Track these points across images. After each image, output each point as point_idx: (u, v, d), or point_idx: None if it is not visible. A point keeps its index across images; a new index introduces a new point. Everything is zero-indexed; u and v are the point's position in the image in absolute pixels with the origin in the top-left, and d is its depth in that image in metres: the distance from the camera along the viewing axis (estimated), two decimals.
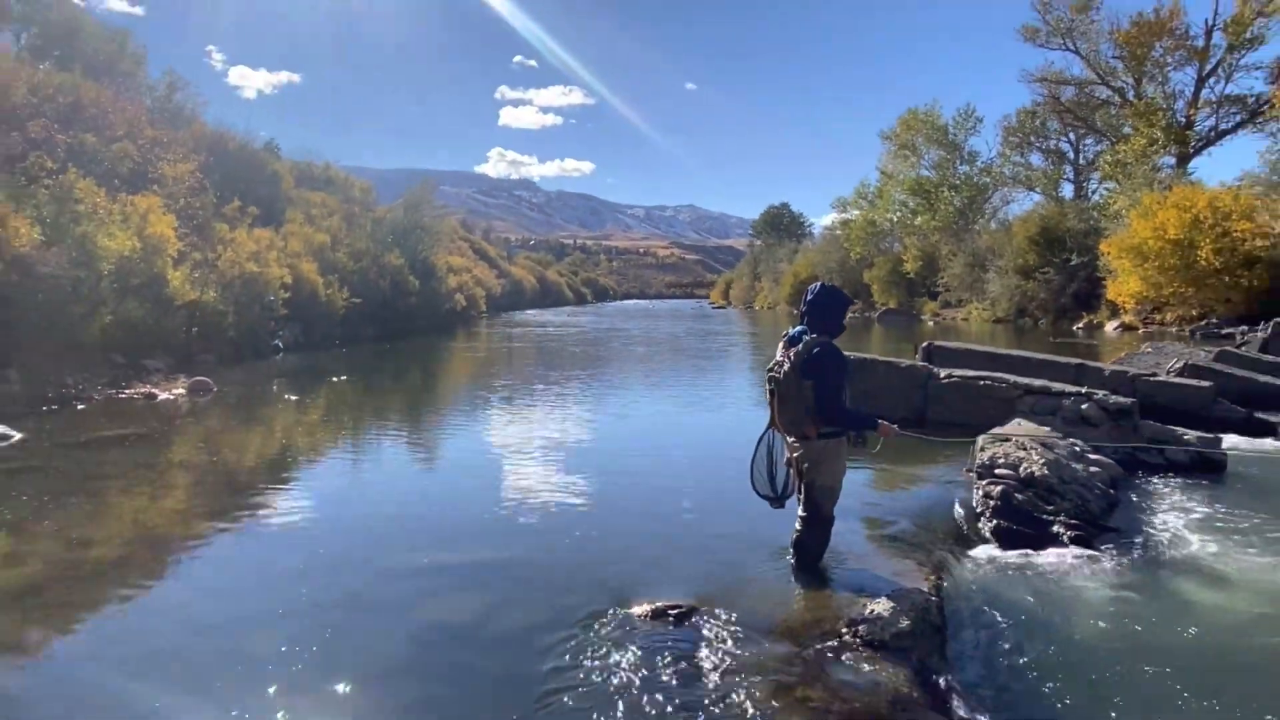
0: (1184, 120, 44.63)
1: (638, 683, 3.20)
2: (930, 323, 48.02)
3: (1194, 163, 44.15)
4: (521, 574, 4.57)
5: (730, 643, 3.54)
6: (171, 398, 11.10)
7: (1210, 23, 43.27)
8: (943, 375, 9.40)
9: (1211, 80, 44.32)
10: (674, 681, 3.22)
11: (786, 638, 3.62)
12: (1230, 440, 8.40)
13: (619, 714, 2.98)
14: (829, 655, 3.43)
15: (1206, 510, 6.20)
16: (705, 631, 3.65)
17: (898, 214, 61.60)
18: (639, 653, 3.44)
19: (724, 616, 3.78)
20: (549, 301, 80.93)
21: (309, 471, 7.68)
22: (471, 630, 3.80)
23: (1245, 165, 61.47)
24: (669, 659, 3.39)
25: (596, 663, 3.37)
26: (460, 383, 16.38)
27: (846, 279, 65.45)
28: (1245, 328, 24.02)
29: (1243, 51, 42.82)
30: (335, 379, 14.94)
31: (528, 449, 8.31)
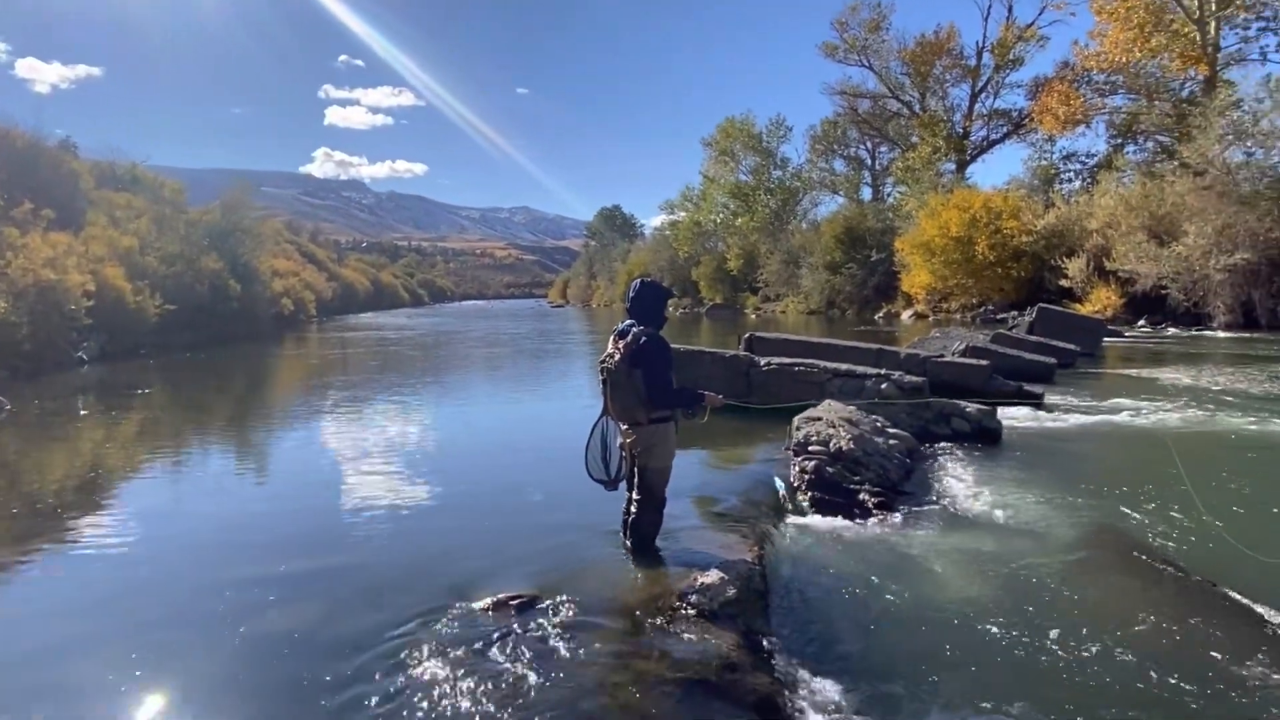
0: (962, 131, 49.85)
1: (479, 674, 3.23)
2: (753, 315, 50.52)
3: (971, 169, 49.54)
4: (358, 579, 4.45)
5: (571, 626, 3.64)
6: None
7: (980, 44, 48.67)
8: (763, 363, 10.01)
9: (983, 96, 49.90)
10: (516, 669, 3.27)
11: (624, 616, 3.77)
12: (1003, 410, 9.55)
13: (461, 707, 3.01)
14: (663, 628, 3.61)
15: (986, 473, 7.04)
16: (546, 618, 3.72)
17: (720, 215, 64.44)
18: (480, 645, 3.47)
19: (564, 601, 3.87)
20: (384, 304, 77.68)
21: (125, 490, 7.00)
22: (304, 639, 3.68)
23: (1012, 171, 69.37)
24: (510, 648, 3.44)
25: (437, 659, 3.36)
26: (291, 391, 15.43)
27: (676, 277, 67.66)
28: (1015, 313, 27.19)
29: (1007, 71, 48.52)
30: (148, 390, 13.73)
31: (366, 455, 8.00)
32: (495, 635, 3.56)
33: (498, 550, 4.84)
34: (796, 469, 6.39)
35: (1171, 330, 26.14)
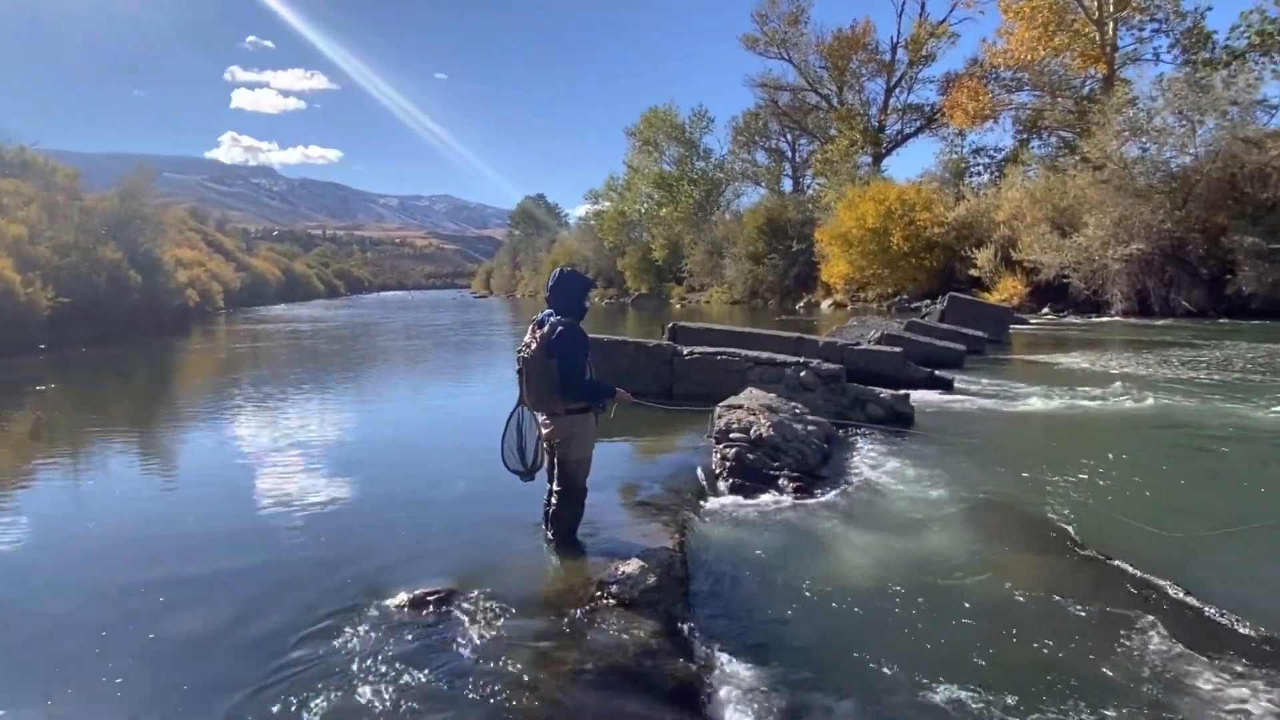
0: (877, 124, 51.18)
1: (394, 673, 3.15)
2: (678, 305, 50.87)
3: (886, 161, 50.99)
4: (268, 579, 4.28)
5: (490, 620, 3.59)
6: None
7: (895, 40, 49.98)
8: (686, 353, 10.08)
9: (897, 90, 51.37)
10: (433, 665, 3.21)
11: (544, 608, 3.74)
12: (916, 395, 9.86)
13: (376, 707, 2.93)
14: (584, 618, 3.60)
15: (899, 455, 7.26)
16: (465, 613, 3.67)
17: (645, 206, 64.60)
18: (397, 642, 3.40)
19: (484, 596, 3.82)
20: (298, 295, 74.97)
21: (17, 493, 6.53)
22: (210, 643, 3.52)
23: (925, 164, 71.65)
24: (428, 644, 3.38)
25: (351, 659, 3.27)
26: (198, 387, 14.71)
27: (602, 266, 67.62)
28: (928, 301, 28.14)
29: (920, 66, 50.07)
30: (41, 388, 12.89)
31: (279, 453, 7.68)
32: (411, 632, 3.49)
33: (416, 546, 4.74)
34: (718, 456, 6.45)
35: (1073, 317, 27.50)
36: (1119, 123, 28.66)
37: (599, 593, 3.81)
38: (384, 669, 3.19)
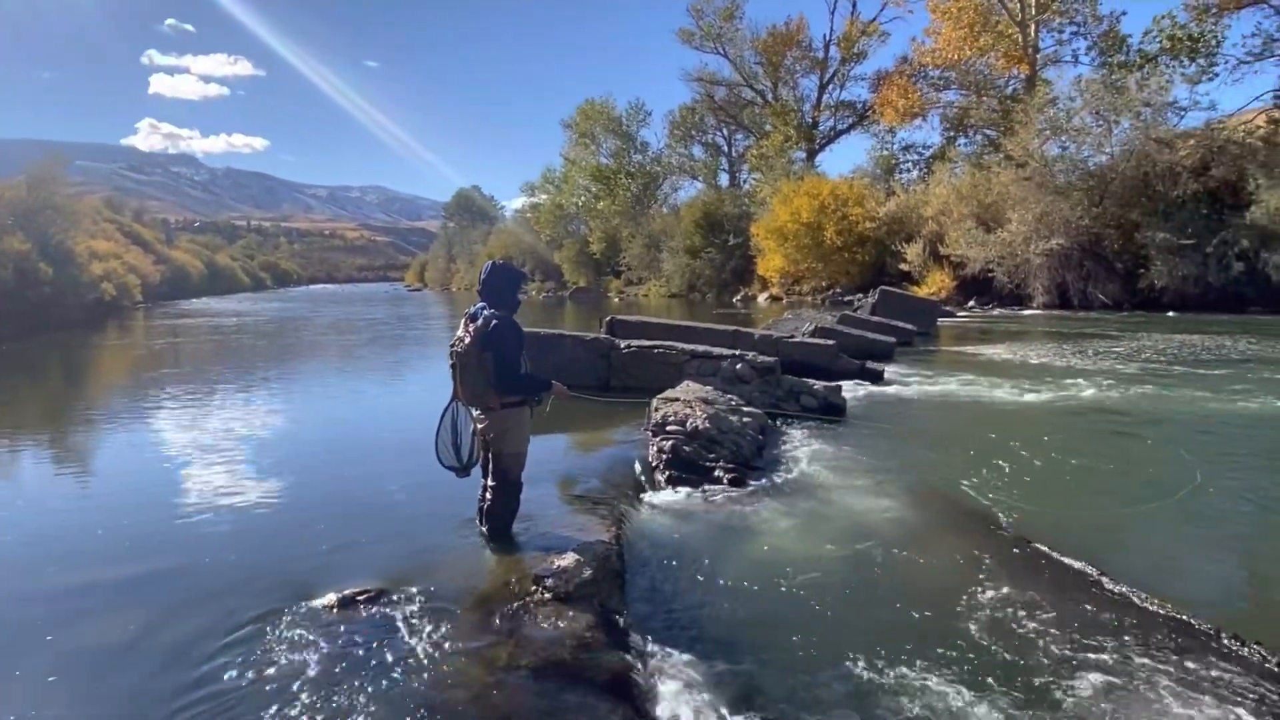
0: (811, 120, 51.99)
1: (322, 675, 3.08)
2: (616, 299, 50.85)
3: (820, 157, 51.87)
4: (190, 583, 4.11)
5: (422, 618, 3.53)
6: None
7: (828, 37, 50.79)
8: (623, 346, 10.08)
9: (830, 87, 52.26)
10: (363, 666, 3.14)
11: (478, 604, 3.70)
12: (848, 386, 10.08)
13: (302, 711, 2.86)
14: (519, 614, 3.57)
15: (831, 445, 7.41)
16: (396, 612, 3.60)
17: (582, 198, 64.29)
18: (324, 644, 3.31)
19: (416, 594, 3.76)
20: (221, 288, 72.30)
21: None
22: (128, 649, 3.37)
23: (857, 160, 73.21)
24: (357, 645, 3.30)
25: (276, 663, 3.17)
26: (114, 385, 14.03)
27: (539, 260, 67.13)
28: (860, 295, 28.74)
29: (852, 64, 51.02)
30: None
31: (203, 452, 7.35)
32: (340, 633, 3.41)
33: (346, 545, 4.62)
34: (655, 449, 6.47)
35: (998, 310, 28.48)
36: (1040, 122, 29.75)
37: (534, 587, 3.78)
38: (310, 672, 3.11)
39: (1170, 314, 24.16)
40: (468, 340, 4.16)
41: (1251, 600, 4.32)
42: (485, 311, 4.23)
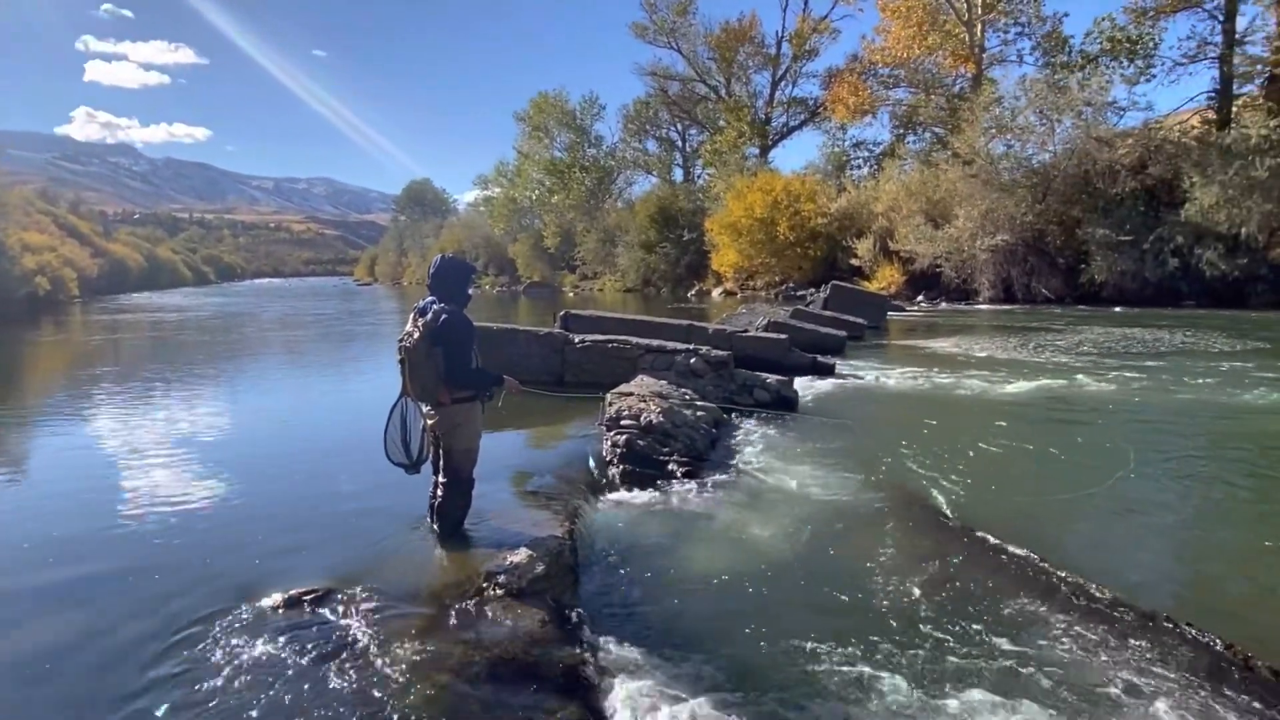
0: (764, 117, 52.38)
1: (268, 676, 3.01)
2: (571, 294, 50.65)
3: (773, 153, 52.32)
4: (131, 584, 3.98)
5: (371, 617, 3.48)
6: None
7: (780, 34, 51.20)
8: (577, 340, 10.04)
9: (783, 84, 52.73)
10: (309, 666, 3.08)
11: (429, 602, 3.65)
12: (800, 380, 10.19)
13: (245, 713, 2.79)
14: (471, 610, 3.54)
15: (783, 438, 7.50)
16: (345, 611, 3.54)
17: (536, 192, 63.89)
18: (271, 645, 3.24)
19: (365, 593, 3.70)
20: (163, 282, 70.26)
21: None
22: (63, 655, 3.25)
23: (809, 157, 74.05)
24: (304, 645, 3.24)
25: (220, 666, 3.09)
26: (50, 383, 13.47)
27: (493, 254, 66.54)
28: (813, 290, 29.12)
29: (804, 61, 51.51)
30: None
31: (146, 451, 7.11)
32: (287, 634, 3.34)
33: (294, 544, 4.53)
34: (609, 443, 6.46)
35: (945, 305, 29.09)
36: (986, 120, 30.42)
37: (486, 584, 3.74)
38: (255, 673, 3.04)
39: (1110, 308, 24.94)
40: (417, 335, 4.09)
41: (1184, 582, 4.48)
42: (435, 306, 4.17)
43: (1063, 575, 4.18)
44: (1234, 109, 28.60)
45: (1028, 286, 28.34)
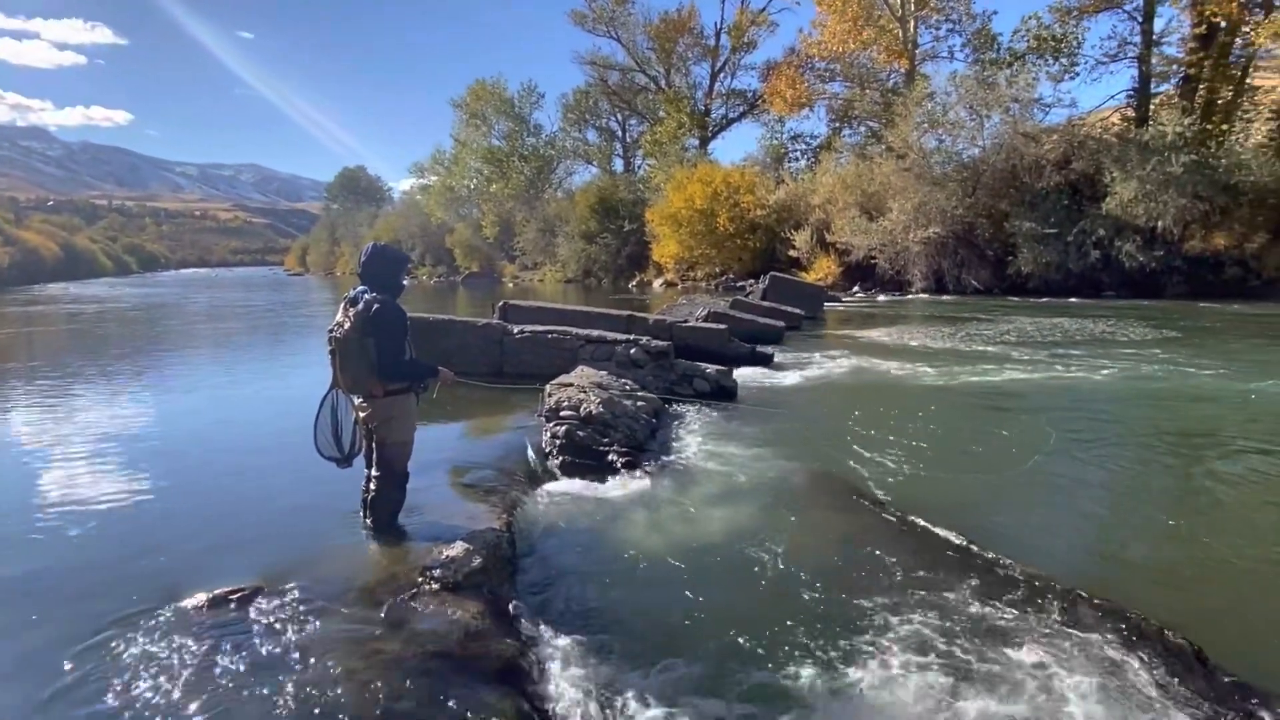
0: (704, 108, 52.57)
1: (189, 678, 2.91)
2: (510, 284, 50.18)
3: (712, 145, 52.51)
4: (46, 587, 3.78)
5: (301, 615, 3.38)
6: None
7: (719, 25, 51.39)
8: (516, 331, 9.93)
9: (722, 75, 52.94)
10: (234, 669, 2.98)
11: (362, 598, 3.57)
12: (740, 370, 10.30)
13: (163, 717, 2.69)
14: (405, 606, 3.47)
15: (722, 427, 7.57)
16: (273, 610, 3.43)
17: (474, 181, 62.88)
18: (193, 647, 3.13)
19: (295, 590, 3.59)
20: (81, 272, 67.03)
21: None
22: None
23: (748, 149, 74.55)
24: (229, 646, 3.13)
25: (138, 670, 2.97)
26: None
27: (430, 243, 65.33)
28: (752, 281, 29.40)
29: (742, 53, 51.82)
30: None
31: (64, 448, 6.75)
32: (210, 635, 3.23)
33: (221, 542, 4.38)
34: (548, 434, 6.43)
35: (881, 296, 29.72)
36: (919, 115, 31.08)
37: (421, 579, 3.68)
38: (175, 676, 2.93)
39: (1036, 299, 25.84)
40: (347, 325, 3.98)
41: (1098, 559, 4.68)
42: (366, 295, 4.06)
43: (985, 554, 4.33)
44: (1152, 107, 29.85)
45: (958, 278, 29.14)
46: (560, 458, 6.08)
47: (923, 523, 4.84)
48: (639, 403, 7.36)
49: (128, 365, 13.27)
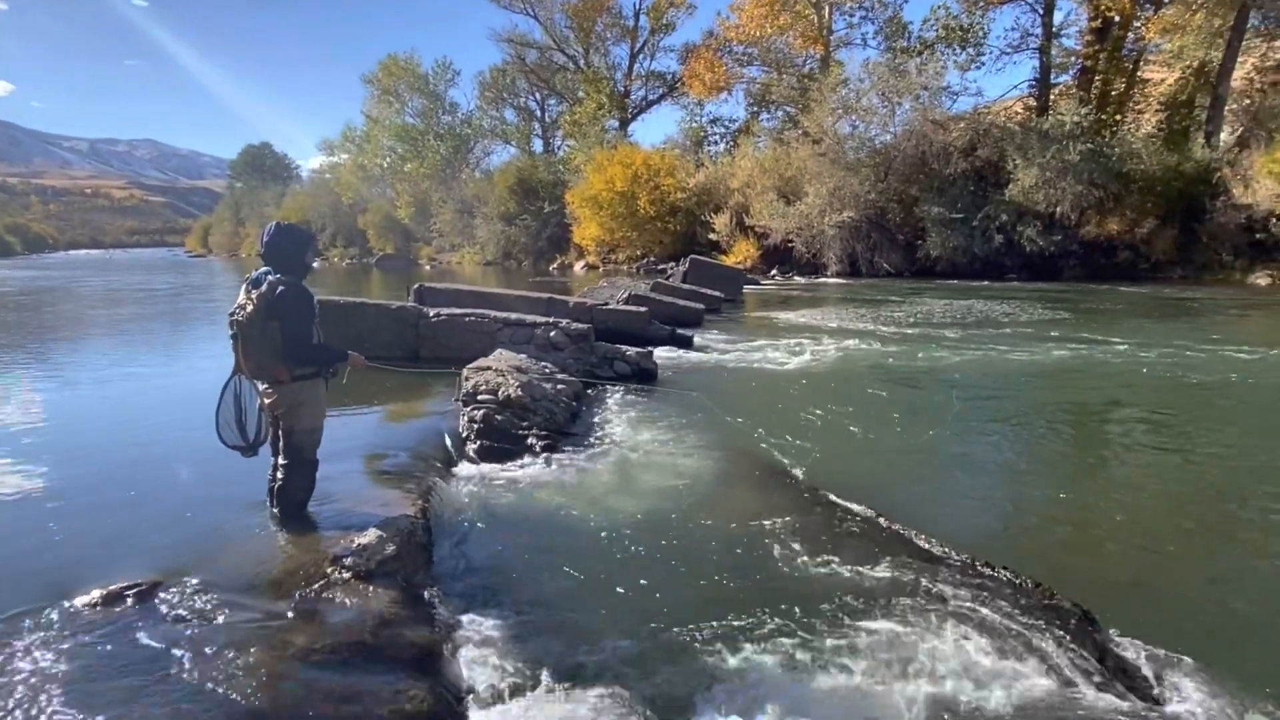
0: (624, 90, 52.33)
1: (79, 680, 2.74)
2: (427, 266, 49.11)
3: (632, 127, 52.33)
4: None
5: (203, 610, 3.25)
6: None
7: (637, 6, 51.10)
8: (432, 314, 9.73)
9: (641, 57, 52.76)
10: (129, 668, 2.83)
11: (269, 590, 3.45)
12: (660, 352, 10.36)
13: None
14: (314, 596, 3.38)
15: (643, 409, 7.61)
16: (172, 605, 3.28)
17: (387, 160, 61.14)
18: (84, 646, 2.96)
19: (196, 584, 3.44)
20: None
21: None
22: None
23: (668, 131, 74.77)
24: (124, 645, 2.98)
25: (19, 673, 2.79)
26: None
27: (341, 224, 63.25)
28: (673, 264, 29.59)
29: (661, 35, 51.75)
30: None
31: None
32: (104, 633, 3.07)
33: (117, 535, 4.16)
34: (466, 419, 6.34)
35: (798, 278, 30.31)
36: (833, 101, 31.70)
37: (331, 568, 3.58)
38: (62, 678, 2.76)
39: (943, 281, 26.83)
40: (250, 308, 3.81)
41: (998, 529, 4.92)
42: (270, 277, 3.90)
43: (891, 526, 4.50)
44: (1052, 97, 31.25)
45: (871, 261, 29.98)
46: (478, 442, 6.01)
47: (833, 497, 4.99)
48: (559, 386, 7.33)
49: (18, 354, 12.41)
